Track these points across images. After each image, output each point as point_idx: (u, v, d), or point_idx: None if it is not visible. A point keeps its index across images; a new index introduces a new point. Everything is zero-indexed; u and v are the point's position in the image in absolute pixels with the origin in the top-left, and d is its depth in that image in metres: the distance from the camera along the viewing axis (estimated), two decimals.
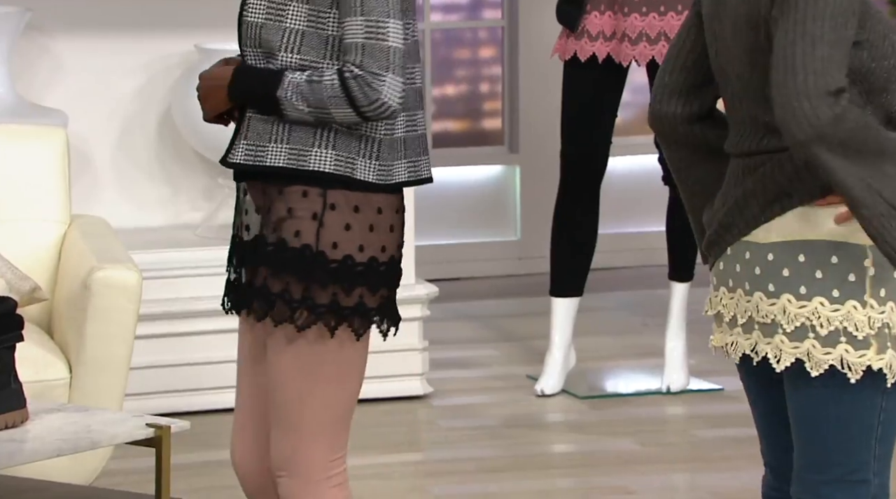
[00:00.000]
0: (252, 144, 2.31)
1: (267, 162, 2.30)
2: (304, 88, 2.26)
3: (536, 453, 3.90)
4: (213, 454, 3.72)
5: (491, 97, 5.63)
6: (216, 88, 2.31)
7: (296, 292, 2.30)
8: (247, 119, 2.33)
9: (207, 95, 2.31)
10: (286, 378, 2.32)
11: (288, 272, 2.29)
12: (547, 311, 4.38)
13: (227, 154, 2.33)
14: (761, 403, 2.33)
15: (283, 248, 2.30)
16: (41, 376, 3.19)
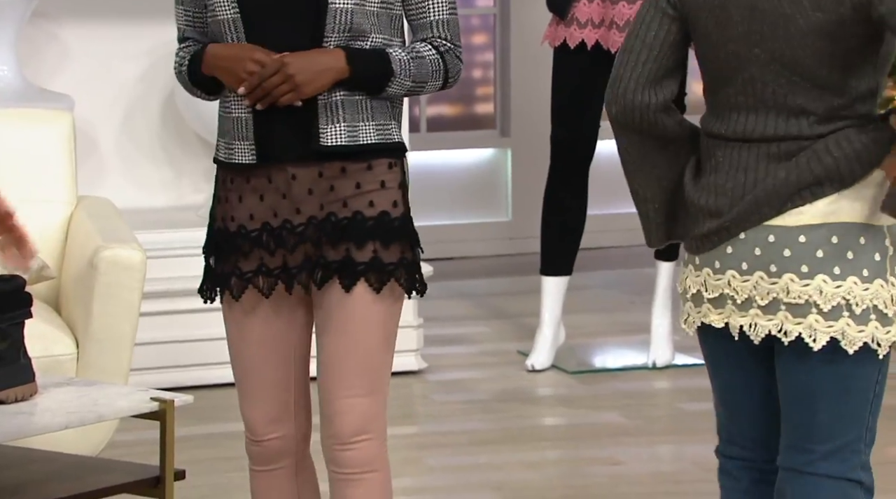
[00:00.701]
0: (349, 125, 2.34)
1: (361, 140, 2.35)
2: (410, 65, 2.35)
3: (527, 425, 3.91)
4: (216, 427, 3.73)
5: (483, 83, 5.63)
6: (324, 72, 2.30)
7: (406, 256, 2.37)
8: (335, 102, 2.34)
9: (312, 79, 2.29)
10: (374, 342, 2.36)
11: (397, 241, 2.36)
12: (537, 289, 4.39)
13: (317, 139, 2.33)
14: (748, 379, 2.33)
15: (387, 219, 2.35)
16: (49, 351, 3.20)
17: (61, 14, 4.26)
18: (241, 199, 2.39)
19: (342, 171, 2.36)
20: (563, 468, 3.67)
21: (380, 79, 2.35)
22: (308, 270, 2.37)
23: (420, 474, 3.60)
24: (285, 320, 2.41)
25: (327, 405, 2.39)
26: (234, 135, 2.38)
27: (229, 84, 2.36)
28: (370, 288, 2.36)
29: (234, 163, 2.39)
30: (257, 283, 2.39)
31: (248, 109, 2.36)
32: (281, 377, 2.43)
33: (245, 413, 2.47)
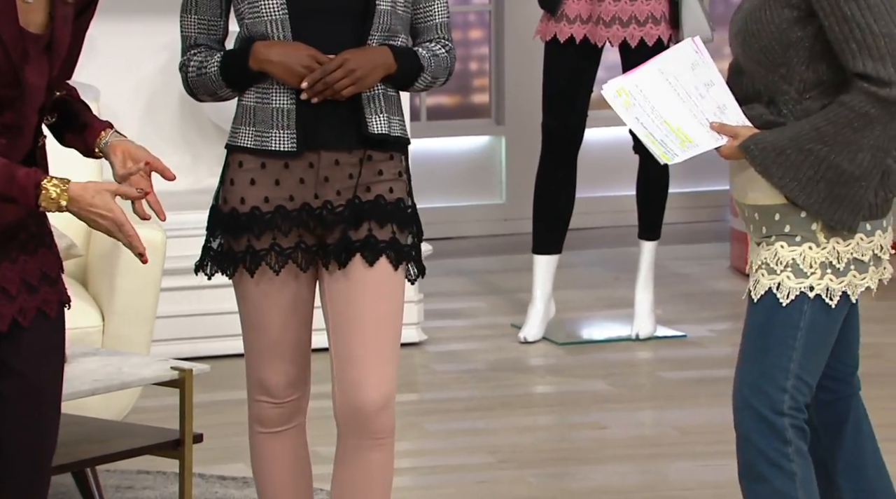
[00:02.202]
0: (388, 116, 2.41)
1: (393, 132, 2.43)
2: (432, 62, 2.44)
3: (519, 393, 3.93)
4: (231, 394, 3.75)
5: (479, 74, 5.64)
6: (378, 67, 2.37)
7: (415, 242, 2.45)
8: (377, 95, 2.39)
9: (370, 73, 2.36)
10: (396, 314, 2.40)
11: (409, 227, 2.42)
12: (529, 267, 4.40)
13: (365, 127, 2.38)
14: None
15: (402, 206, 2.42)
16: (77, 323, 3.21)
17: None
18: (253, 181, 2.41)
19: (369, 158, 2.42)
20: (553, 432, 3.69)
21: (415, 74, 2.43)
22: (336, 249, 2.40)
23: (420, 438, 3.62)
24: (305, 289, 2.44)
25: (356, 372, 2.38)
26: (272, 124, 2.40)
27: (283, 78, 2.38)
28: (391, 264, 2.39)
29: (266, 149, 2.40)
30: (297, 258, 2.42)
31: (292, 101, 2.39)
32: (304, 341, 2.46)
33: (265, 378, 2.47)
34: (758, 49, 2.27)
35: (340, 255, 2.39)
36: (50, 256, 2.14)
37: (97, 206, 2.10)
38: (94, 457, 2.74)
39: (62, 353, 2.14)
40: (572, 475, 3.41)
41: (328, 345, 2.44)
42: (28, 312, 2.08)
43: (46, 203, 2.10)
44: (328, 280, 2.42)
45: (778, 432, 2.29)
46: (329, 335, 2.43)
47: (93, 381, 2.69)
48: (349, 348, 2.39)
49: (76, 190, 2.10)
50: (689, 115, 2.25)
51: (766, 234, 2.33)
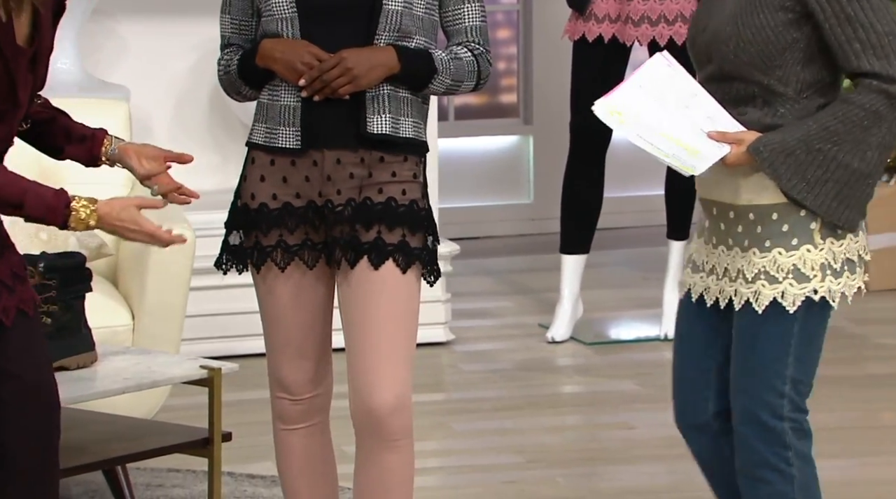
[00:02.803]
0: (393, 117, 2.39)
1: (401, 133, 2.40)
2: (450, 65, 2.41)
3: (547, 393, 3.92)
4: (260, 393, 3.75)
5: (507, 74, 5.63)
6: (378, 66, 2.35)
7: (428, 245, 2.43)
8: (382, 95, 2.38)
9: (368, 72, 2.34)
10: (400, 316, 2.39)
11: (422, 230, 2.41)
12: (557, 266, 4.39)
13: (364, 126, 2.37)
14: None
15: (417, 208, 2.41)
16: (108, 322, 3.23)
17: (120, 11, 4.29)
18: (262, 178, 2.42)
19: (381, 160, 2.41)
20: (581, 433, 3.68)
21: (424, 76, 2.40)
22: (343, 248, 2.40)
23: (448, 438, 3.62)
24: (312, 286, 2.45)
25: (368, 374, 2.39)
26: (280, 121, 2.41)
27: (284, 74, 2.39)
28: (398, 268, 2.39)
29: (275, 146, 2.42)
30: (303, 255, 2.42)
31: (297, 98, 2.39)
32: (319, 337, 2.46)
33: (281, 375, 2.47)
34: (754, 53, 2.25)
35: (348, 255, 2.39)
36: (15, 256, 2.17)
37: (125, 221, 2.17)
38: (124, 455, 2.75)
39: (46, 349, 2.16)
40: (600, 476, 3.40)
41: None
42: (9, 312, 2.11)
43: (76, 224, 2.16)
44: (339, 281, 2.42)
45: (778, 437, 2.30)
46: (344, 337, 2.44)
47: (123, 379, 2.71)
48: (359, 351, 2.39)
49: (103, 209, 2.16)
50: (685, 128, 2.24)
51: (760, 236, 2.30)
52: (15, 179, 2.11)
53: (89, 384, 2.67)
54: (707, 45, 2.31)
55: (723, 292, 2.34)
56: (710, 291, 2.36)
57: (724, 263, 2.34)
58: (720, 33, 2.28)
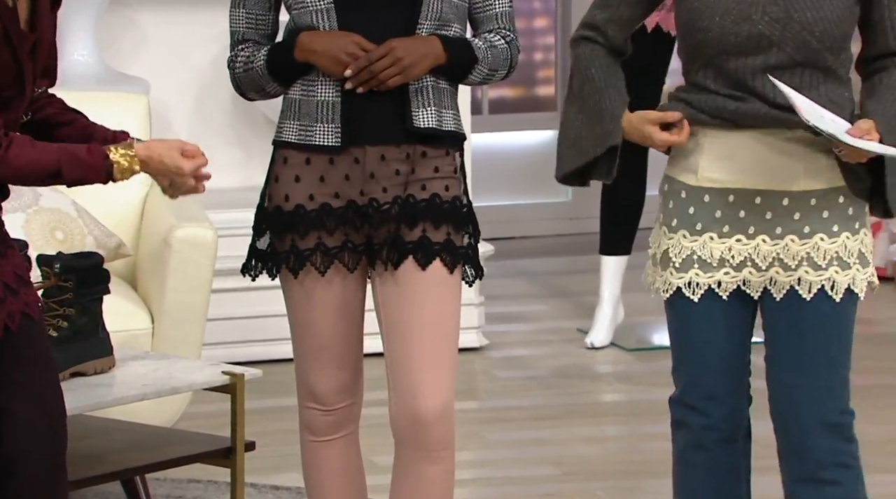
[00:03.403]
0: (437, 110, 2.40)
1: (444, 126, 2.42)
2: (488, 53, 2.42)
3: (586, 401, 3.91)
4: (284, 400, 3.77)
5: (544, 65, 5.63)
6: (426, 56, 2.36)
7: (472, 243, 2.44)
8: (426, 87, 2.39)
9: (418, 62, 2.35)
10: (446, 318, 2.39)
11: (465, 227, 2.42)
12: (596, 268, 4.38)
13: (410, 120, 2.38)
14: None
15: (459, 205, 2.42)
16: (126, 326, 3.24)
17: (138, 2, 4.31)
18: (297, 178, 2.41)
19: (423, 155, 2.41)
20: (622, 443, 3.67)
21: (467, 66, 2.41)
22: (388, 247, 2.40)
23: (482, 448, 3.63)
24: (353, 291, 2.45)
25: (413, 379, 2.38)
26: (317, 117, 2.40)
27: (327, 67, 2.38)
28: (445, 267, 2.39)
29: (311, 144, 2.41)
30: (343, 258, 2.42)
31: (337, 93, 2.39)
32: (355, 345, 2.46)
33: (315, 385, 2.47)
34: (837, 36, 2.30)
35: (391, 255, 2.39)
36: (17, 258, 2.17)
37: (167, 166, 2.16)
38: (143, 465, 2.77)
39: (52, 354, 2.17)
40: (643, 489, 3.40)
41: (383, 350, 2.45)
42: (14, 316, 2.12)
43: (121, 174, 2.16)
44: (379, 283, 2.42)
45: (844, 431, 2.33)
46: (383, 341, 2.44)
47: (142, 386, 2.72)
48: (404, 355, 2.39)
49: (144, 153, 2.16)
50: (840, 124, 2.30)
51: (826, 221, 2.33)
52: (45, 148, 2.11)
53: (107, 391, 2.68)
54: (770, 33, 2.31)
55: (775, 283, 2.35)
56: (751, 283, 2.37)
57: (770, 253, 2.35)
58: (802, 19, 2.29)
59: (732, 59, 2.32)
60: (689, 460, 2.41)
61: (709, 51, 2.33)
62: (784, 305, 2.34)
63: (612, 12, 2.38)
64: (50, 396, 2.14)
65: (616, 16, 2.39)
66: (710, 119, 2.35)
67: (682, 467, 2.42)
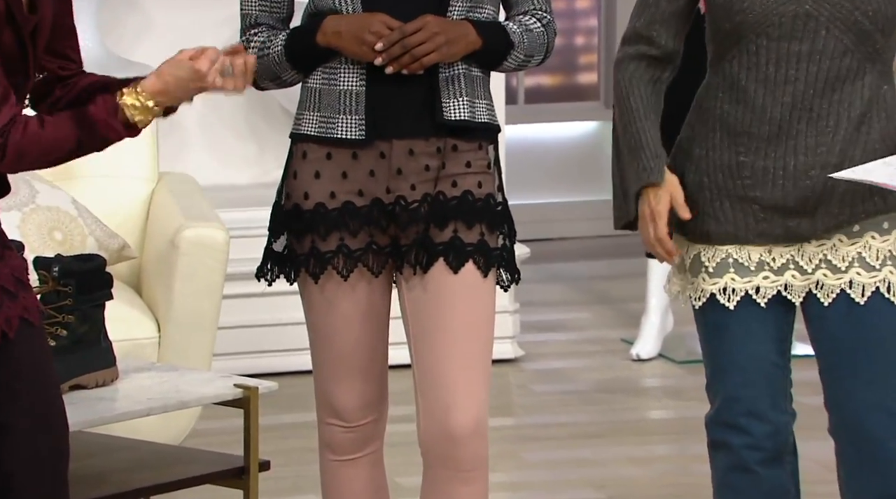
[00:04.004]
0: (469, 100, 2.40)
1: (477, 118, 2.42)
2: (524, 38, 2.41)
3: (632, 419, 3.91)
4: (302, 416, 3.78)
5: (586, 50, 5.62)
6: (462, 37, 2.35)
7: (507, 244, 2.43)
8: (457, 75, 2.38)
9: (455, 41, 2.34)
10: (479, 326, 2.38)
11: (500, 227, 2.42)
12: (643, 272, 4.38)
13: (440, 112, 2.36)
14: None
15: (493, 203, 2.42)
16: (130, 334, 3.26)
17: None
18: (317, 174, 2.40)
19: (454, 149, 2.40)
20: (671, 465, 3.66)
21: (502, 52, 2.40)
22: (416, 249, 2.39)
23: (517, 470, 3.62)
24: (378, 297, 2.44)
25: (444, 393, 2.37)
26: (339, 108, 2.40)
27: (351, 49, 2.36)
28: (479, 270, 2.38)
29: (332, 137, 2.40)
30: (368, 261, 2.41)
31: (362, 82, 2.38)
32: (379, 355, 2.46)
33: (334, 398, 2.47)
34: (891, 14, 2.30)
35: (420, 258, 2.39)
36: (16, 259, 2.18)
37: (184, 78, 2.14)
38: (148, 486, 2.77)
39: (53, 363, 2.18)
40: None
41: (410, 361, 2.45)
42: (12, 322, 2.12)
43: (138, 115, 2.12)
44: (406, 287, 2.41)
45: None
46: (411, 351, 2.43)
47: (147, 400, 2.73)
48: (434, 366, 2.39)
49: (155, 83, 2.12)
50: None
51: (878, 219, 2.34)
52: (57, 120, 2.10)
53: (109, 405, 2.69)
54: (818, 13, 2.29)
55: (822, 287, 2.35)
56: (794, 288, 2.36)
57: (816, 255, 2.35)
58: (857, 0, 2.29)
59: (773, 45, 2.30)
60: (732, 484, 2.39)
61: (748, 34, 2.31)
62: (835, 310, 2.33)
63: (652, 13, 2.36)
64: (51, 408, 2.15)
65: (657, 15, 2.37)
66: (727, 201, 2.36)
67: (726, 493, 2.40)
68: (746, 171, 2.33)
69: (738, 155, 2.34)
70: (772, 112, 2.31)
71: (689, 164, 2.42)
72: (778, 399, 2.39)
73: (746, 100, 2.32)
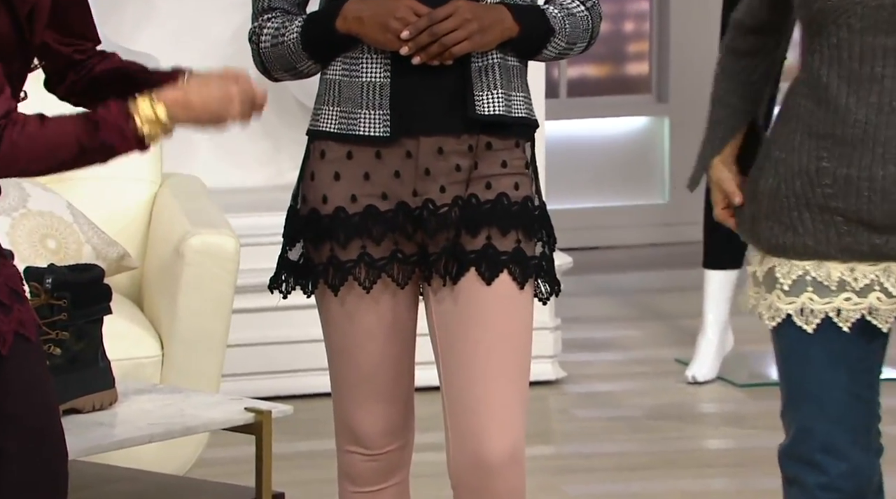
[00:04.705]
0: (505, 93, 2.40)
1: (513, 112, 2.42)
2: (565, 23, 2.42)
3: (687, 448, 3.90)
4: (319, 443, 3.80)
5: (637, 37, 5.63)
6: (496, 24, 2.35)
7: (546, 252, 2.43)
8: (491, 65, 2.39)
9: (488, 28, 2.35)
10: (515, 344, 2.39)
11: (538, 233, 2.42)
12: (699, 284, 4.37)
13: (472, 106, 2.36)
14: None
15: (531, 207, 2.43)
16: (130, 353, 3.28)
17: None
18: (337, 175, 2.41)
19: (488, 147, 2.41)
20: None
21: (541, 39, 2.40)
22: (446, 258, 2.40)
23: None
24: (404, 311, 2.45)
25: (477, 417, 2.38)
26: (361, 102, 2.40)
27: (374, 37, 2.37)
28: (514, 282, 2.39)
29: (353, 134, 2.41)
30: (392, 272, 2.42)
31: (386, 73, 2.39)
32: (405, 376, 2.47)
33: (355, 424, 2.48)
34: None
35: (449, 268, 2.40)
36: (9, 268, 2.18)
37: (211, 98, 2.13)
38: None
39: (52, 383, 2.19)
40: None
41: (438, 382, 2.46)
42: (6, 337, 2.13)
43: (150, 129, 2.10)
44: (434, 300, 2.42)
45: None
46: (439, 371, 2.44)
47: (149, 425, 2.75)
48: (465, 387, 2.40)
49: (175, 97, 2.11)
50: None
51: None
52: (61, 122, 2.09)
53: (107, 431, 2.71)
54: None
55: None
56: (880, 312, 2.35)
57: None
58: None
59: (857, 37, 2.29)
60: None
61: (828, 25, 2.30)
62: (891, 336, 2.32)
63: None
64: (49, 433, 2.17)
65: None
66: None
67: None
68: (827, 178, 2.32)
69: (820, 160, 2.33)
70: (856, 114, 2.29)
71: (767, 166, 2.42)
72: (860, 435, 2.37)
73: (829, 99, 2.31)
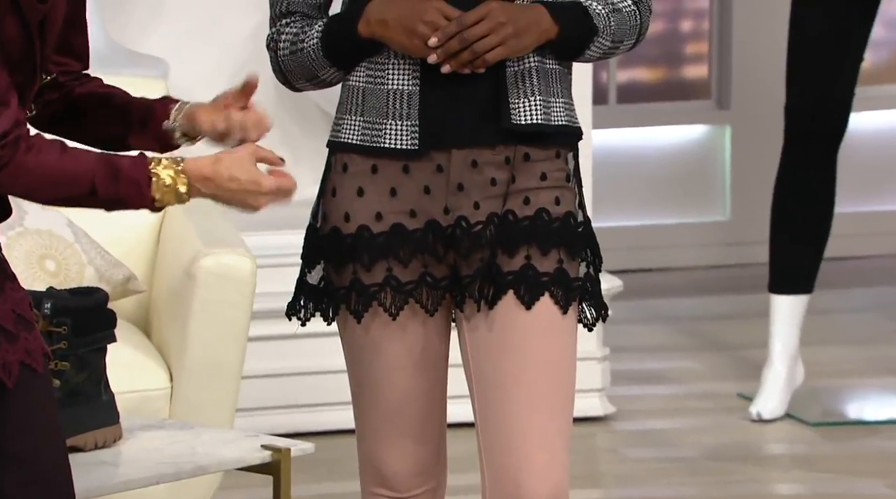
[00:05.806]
0: (543, 99, 2.42)
1: (553, 121, 2.43)
2: (610, 20, 2.43)
3: (752, 493, 3.90)
4: (343, 485, 3.83)
5: (695, 37, 5.66)
6: (532, 26, 2.36)
7: (591, 273, 2.44)
8: (528, 69, 2.41)
9: (523, 32, 2.37)
10: (558, 375, 2.39)
11: (582, 252, 2.43)
12: (765, 312, 4.37)
13: (507, 116, 2.38)
14: None
15: (574, 223, 2.44)
16: (137, 385, 3.31)
17: None
18: (361, 191, 2.42)
19: (526, 158, 2.43)
20: None
21: (583, 39, 2.42)
22: (480, 280, 2.41)
23: None
24: (434, 340, 2.46)
25: (516, 455, 2.38)
26: (388, 112, 2.43)
27: (399, 41, 2.39)
28: (557, 306, 2.41)
29: (378, 147, 2.43)
30: (421, 297, 2.44)
31: (415, 80, 2.41)
32: (436, 411, 2.48)
33: (382, 463, 2.50)
34: None
35: (484, 291, 2.41)
36: (18, 292, 2.21)
37: (243, 182, 2.17)
38: None
39: (59, 420, 2.20)
40: None
41: (473, 418, 2.47)
42: (11, 368, 2.15)
43: (164, 196, 2.16)
44: (468, 328, 2.44)
45: None
46: (474, 405, 2.46)
47: (156, 464, 2.78)
48: (502, 423, 2.41)
49: (200, 170, 2.16)
50: None
51: None
52: (78, 155, 2.12)
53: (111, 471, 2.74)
54: None
55: None
56: None
57: None
58: None
59: None
60: None
61: None
62: None
63: None
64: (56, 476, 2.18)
65: None
66: None
67: None
68: None
69: None
70: None
71: None
72: None
73: None
